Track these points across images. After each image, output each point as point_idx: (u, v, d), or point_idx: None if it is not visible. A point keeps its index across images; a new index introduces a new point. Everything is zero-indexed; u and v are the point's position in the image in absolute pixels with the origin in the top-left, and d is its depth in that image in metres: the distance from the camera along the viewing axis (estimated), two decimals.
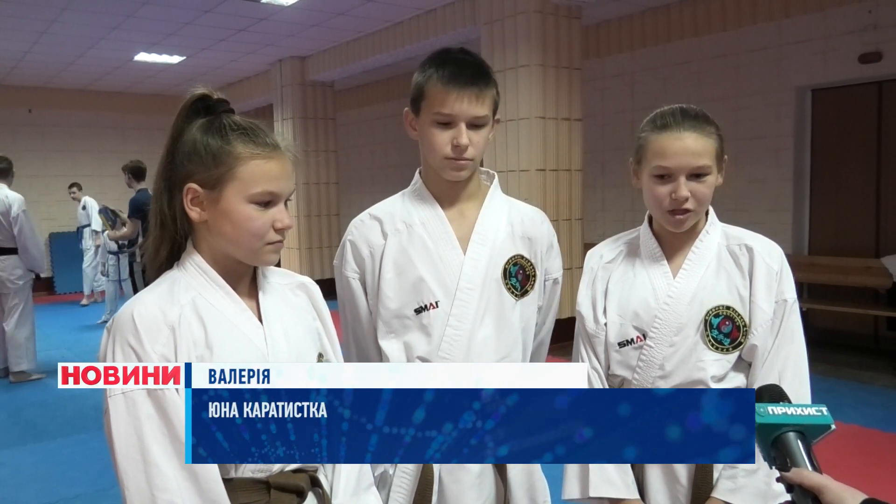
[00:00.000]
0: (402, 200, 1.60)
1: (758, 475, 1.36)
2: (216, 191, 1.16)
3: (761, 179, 6.40)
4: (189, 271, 1.20)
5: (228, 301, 1.20)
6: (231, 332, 1.17)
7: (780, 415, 0.93)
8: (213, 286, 1.19)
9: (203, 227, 1.20)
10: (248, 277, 1.26)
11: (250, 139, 1.16)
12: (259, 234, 1.17)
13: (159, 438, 1.07)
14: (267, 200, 1.17)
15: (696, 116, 1.41)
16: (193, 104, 1.20)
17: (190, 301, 1.16)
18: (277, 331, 1.22)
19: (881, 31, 5.63)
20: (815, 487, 0.87)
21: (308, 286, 1.37)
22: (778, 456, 0.93)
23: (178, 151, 1.18)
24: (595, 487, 1.43)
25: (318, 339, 1.33)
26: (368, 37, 8.07)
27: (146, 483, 1.06)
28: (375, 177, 11.25)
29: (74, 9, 6.76)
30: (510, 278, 1.55)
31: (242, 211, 1.15)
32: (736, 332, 1.42)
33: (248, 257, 1.20)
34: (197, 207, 1.17)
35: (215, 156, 1.15)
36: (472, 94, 1.45)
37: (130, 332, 1.10)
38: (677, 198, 1.39)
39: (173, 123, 1.20)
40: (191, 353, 1.12)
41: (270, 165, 1.16)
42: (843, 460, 3.52)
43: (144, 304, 1.14)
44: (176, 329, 1.12)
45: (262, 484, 1.16)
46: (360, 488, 1.30)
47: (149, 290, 1.19)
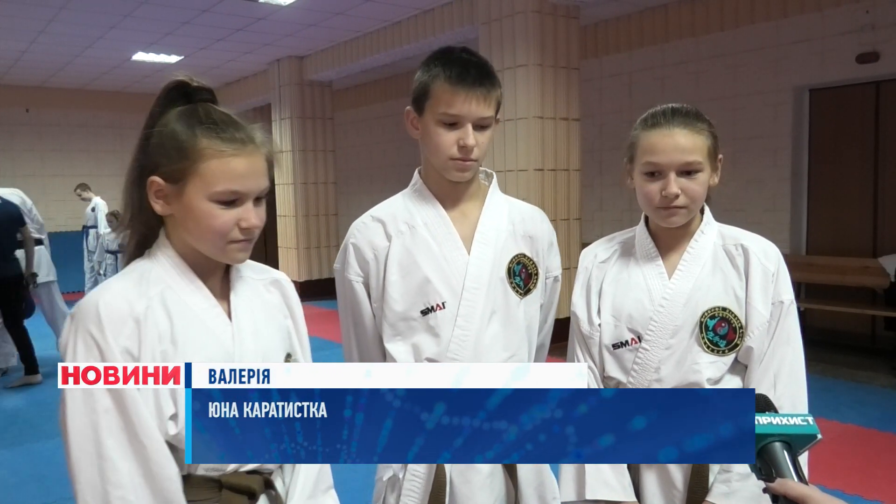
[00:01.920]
0: (404, 201, 1.59)
1: (751, 479, 1.34)
2: (179, 185, 1.11)
3: (759, 179, 6.41)
4: (160, 262, 1.16)
5: (198, 296, 1.16)
6: (198, 328, 1.14)
7: (766, 424, 0.93)
8: (183, 280, 1.16)
9: (171, 220, 1.16)
10: (220, 272, 1.22)
11: (216, 134, 1.11)
12: (221, 233, 1.12)
13: (116, 433, 1.04)
14: (230, 199, 1.12)
15: (687, 114, 1.41)
16: (171, 91, 1.16)
17: (158, 293, 1.12)
18: (246, 329, 1.19)
19: (879, 32, 5.64)
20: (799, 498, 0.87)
21: (282, 283, 1.33)
22: (763, 466, 0.93)
23: (150, 141, 1.14)
24: (591, 490, 1.43)
25: (287, 338, 1.29)
26: (366, 36, 8.07)
27: (99, 478, 1.04)
28: (374, 176, 11.25)
29: (72, 8, 6.75)
30: (514, 277, 1.55)
31: (204, 208, 1.11)
32: (732, 333, 1.41)
33: (214, 254, 1.16)
34: (160, 200, 1.13)
35: (179, 149, 1.11)
36: (479, 94, 1.45)
37: (93, 323, 1.06)
38: (667, 194, 1.38)
39: (150, 111, 1.16)
40: (155, 347, 1.09)
41: (236, 163, 1.11)
42: (841, 460, 3.53)
43: (111, 293, 1.10)
44: (141, 322, 1.08)
45: (215, 483, 1.14)
46: (317, 491, 1.26)
47: (117, 279, 1.15)
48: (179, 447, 1.10)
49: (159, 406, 1.08)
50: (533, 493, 1.59)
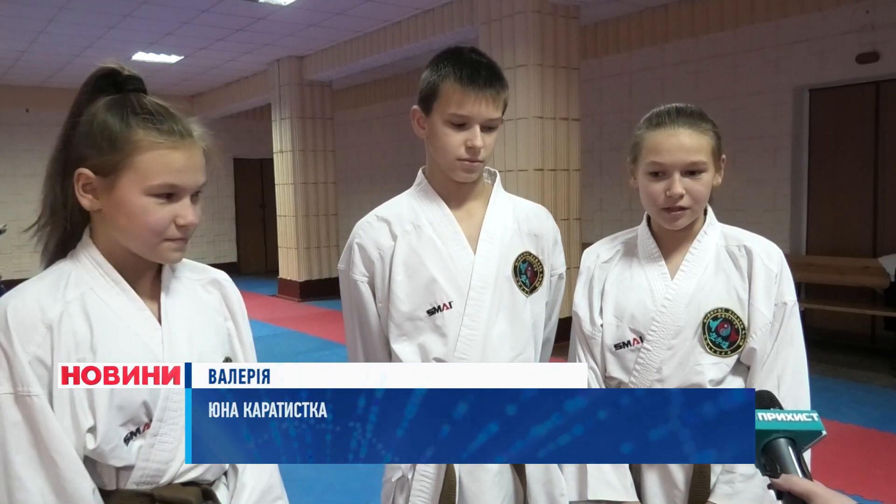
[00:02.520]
0: (409, 201, 1.59)
1: (755, 480, 1.35)
2: (110, 179, 1.04)
3: (759, 179, 6.41)
4: (82, 264, 1.09)
5: (124, 299, 1.09)
6: (122, 333, 1.07)
7: (771, 421, 0.93)
8: (107, 282, 1.09)
9: (99, 216, 1.09)
10: (151, 273, 1.15)
11: (153, 125, 1.05)
12: (156, 230, 1.06)
13: (24, 448, 0.98)
14: (168, 193, 1.06)
15: (692, 114, 1.41)
16: (99, 79, 1.10)
17: (78, 297, 1.05)
18: (179, 333, 1.12)
19: (878, 32, 5.64)
20: (804, 494, 0.87)
21: (222, 282, 1.26)
22: (768, 462, 0.93)
23: (76, 131, 1.07)
24: (593, 490, 1.43)
25: (227, 340, 1.23)
26: (366, 36, 8.06)
27: (7, 496, 0.98)
28: (374, 176, 11.25)
29: (72, 8, 6.75)
30: (520, 275, 1.55)
31: (138, 203, 1.04)
32: (734, 335, 1.41)
33: (146, 253, 1.09)
34: (89, 195, 1.06)
35: (111, 140, 1.04)
36: (489, 96, 1.45)
37: (0, 329, 1.00)
38: (672, 194, 1.38)
39: (75, 99, 1.10)
40: (71, 355, 1.02)
41: (174, 156, 1.05)
42: (841, 460, 3.53)
43: (23, 298, 1.03)
44: (54, 328, 1.01)
45: (146, 497, 1.07)
46: (264, 501, 1.20)
47: (32, 281, 1.07)
48: (100, 461, 1.04)
49: (76, 419, 1.02)
50: (541, 489, 1.59)
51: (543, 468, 1.59)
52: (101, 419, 1.03)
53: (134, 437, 1.06)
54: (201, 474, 1.13)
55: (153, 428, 1.07)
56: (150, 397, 1.07)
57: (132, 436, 1.06)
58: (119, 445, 1.05)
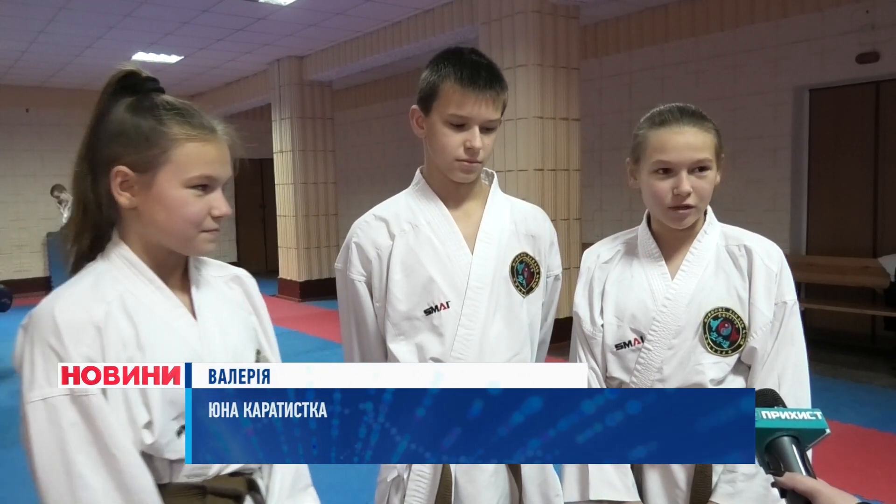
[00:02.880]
0: (406, 200, 1.59)
1: (756, 479, 1.35)
2: (148, 174, 1.07)
3: (759, 179, 6.41)
4: (115, 263, 1.10)
5: (159, 296, 1.11)
6: (163, 330, 1.09)
7: (775, 419, 0.93)
8: (142, 280, 1.10)
9: (132, 215, 1.11)
10: (179, 270, 1.17)
11: (186, 120, 1.09)
12: (195, 221, 1.09)
13: (85, 448, 0.99)
14: (204, 185, 1.09)
15: (694, 113, 1.41)
16: (119, 82, 1.12)
17: (117, 297, 1.07)
18: (212, 328, 1.14)
19: (879, 32, 5.64)
20: (808, 492, 0.87)
21: (243, 279, 1.28)
22: (772, 461, 0.93)
23: (103, 132, 1.09)
24: (595, 490, 1.43)
25: (254, 335, 1.25)
26: (366, 36, 8.06)
27: (70, 496, 0.99)
28: (373, 176, 11.25)
29: (72, 8, 6.74)
30: (517, 276, 1.55)
31: (178, 196, 1.07)
32: (735, 334, 1.41)
33: (182, 246, 1.12)
34: (126, 192, 1.08)
35: (147, 137, 1.07)
36: (489, 97, 1.45)
37: (51, 332, 1.00)
38: (679, 192, 1.38)
39: (97, 101, 1.12)
40: (120, 354, 1.03)
41: (208, 148, 1.09)
42: (841, 460, 3.53)
43: (66, 300, 1.04)
44: (102, 329, 1.03)
45: (198, 489, 1.10)
46: (296, 489, 1.24)
47: (71, 284, 1.09)
48: (157, 455, 1.06)
49: (132, 415, 1.03)
50: (536, 490, 1.59)
51: (539, 469, 1.59)
52: (157, 414, 1.04)
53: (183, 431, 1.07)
54: (245, 465, 1.15)
55: None
56: None
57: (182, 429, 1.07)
58: (173, 439, 1.07)
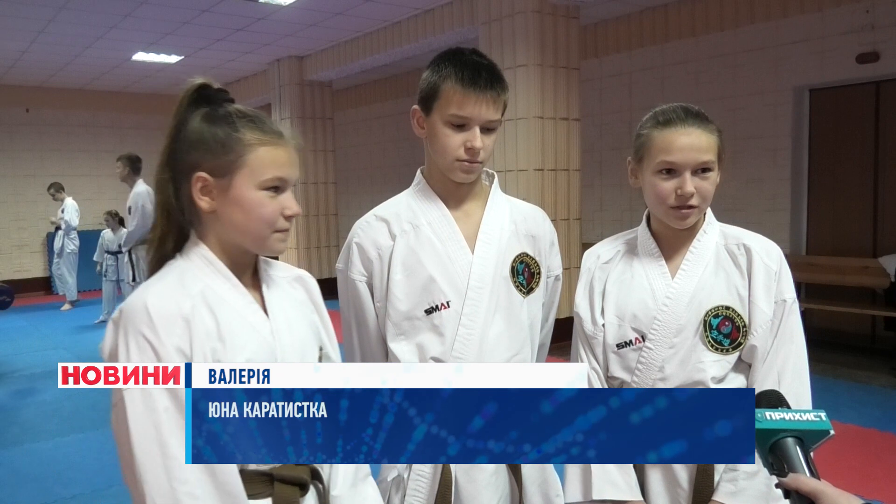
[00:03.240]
0: (407, 200, 1.59)
1: (758, 478, 1.36)
2: (226, 178, 1.15)
3: (759, 179, 6.41)
4: (195, 262, 1.18)
5: (235, 293, 1.19)
6: (240, 324, 1.16)
7: (779, 420, 0.93)
8: (219, 277, 1.18)
9: (210, 217, 1.19)
10: (251, 270, 1.25)
11: (257, 126, 1.17)
12: (269, 221, 1.17)
13: (177, 432, 1.06)
14: (276, 186, 1.17)
15: (698, 114, 1.42)
16: (193, 94, 1.20)
17: (200, 292, 1.15)
18: (282, 324, 1.22)
19: (879, 32, 5.64)
20: (812, 493, 0.87)
21: (305, 280, 1.36)
22: (776, 461, 0.93)
23: (183, 141, 1.18)
24: (598, 489, 1.43)
25: (317, 332, 1.32)
26: (366, 36, 8.06)
27: (165, 476, 1.05)
28: (374, 176, 11.25)
29: (72, 8, 6.75)
30: (517, 276, 1.56)
31: (253, 197, 1.16)
32: (735, 332, 1.41)
33: (257, 245, 1.20)
34: (206, 196, 1.17)
35: (224, 144, 1.15)
36: (490, 98, 1.45)
37: (145, 324, 1.07)
38: (683, 193, 1.38)
39: (174, 113, 1.20)
40: (204, 345, 1.11)
41: (278, 152, 1.17)
42: (840, 460, 3.53)
43: (157, 294, 1.11)
44: (190, 321, 1.10)
45: (266, 476, 1.17)
46: (357, 479, 1.31)
47: (156, 279, 1.16)
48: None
49: None
50: (536, 490, 1.59)
51: (539, 469, 1.59)
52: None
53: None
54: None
55: None
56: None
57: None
58: None
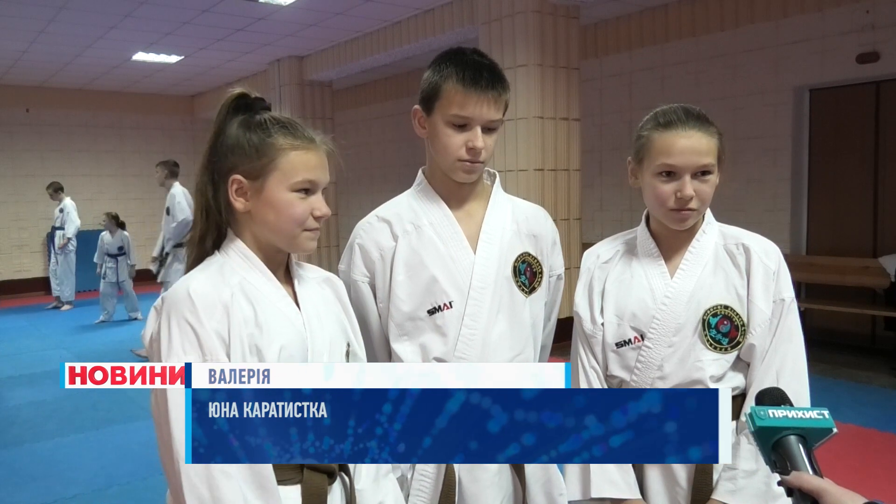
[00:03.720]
0: (409, 201, 1.59)
1: (757, 476, 1.36)
2: (259, 181, 1.23)
3: (759, 179, 6.41)
4: (232, 257, 1.26)
5: (271, 286, 1.26)
6: (275, 314, 1.23)
7: (781, 418, 0.93)
8: (255, 271, 1.25)
9: (246, 217, 1.26)
10: (283, 268, 1.32)
11: (290, 132, 1.24)
12: (299, 221, 1.24)
13: None
14: (306, 188, 1.24)
15: (699, 116, 1.42)
16: (233, 102, 1.27)
17: (238, 283, 1.22)
18: (313, 317, 1.28)
19: (879, 32, 5.64)
20: (814, 491, 0.87)
21: (334, 281, 1.42)
22: (778, 459, 0.93)
23: (221, 146, 1.25)
24: (597, 488, 1.43)
25: (345, 330, 1.38)
26: (367, 36, 8.06)
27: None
28: (374, 177, 11.24)
29: (72, 8, 6.75)
30: (520, 276, 1.56)
31: (285, 198, 1.23)
32: (734, 331, 1.42)
33: (288, 244, 1.27)
34: (241, 198, 1.24)
35: (258, 148, 1.23)
36: (491, 98, 1.45)
37: (187, 309, 1.14)
38: (682, 196, 1.38)
39: (215, 121, 1.27)
40: (242, 331, 1.17)
41: (309, 156, 1.24)
42: (841, 460, 3.53)
43: (199, 281, 1.19)
44: (229, 307, 1.17)
45: (297, 467, 1.21)
46: (379, 475, 1.36)
47: (198, 270, 1.24)
48: None
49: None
50: (540, 490, 1.59)
51: (543, 468, 1.59)
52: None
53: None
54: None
55: None
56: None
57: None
58: None
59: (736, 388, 1.44)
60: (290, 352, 1.21)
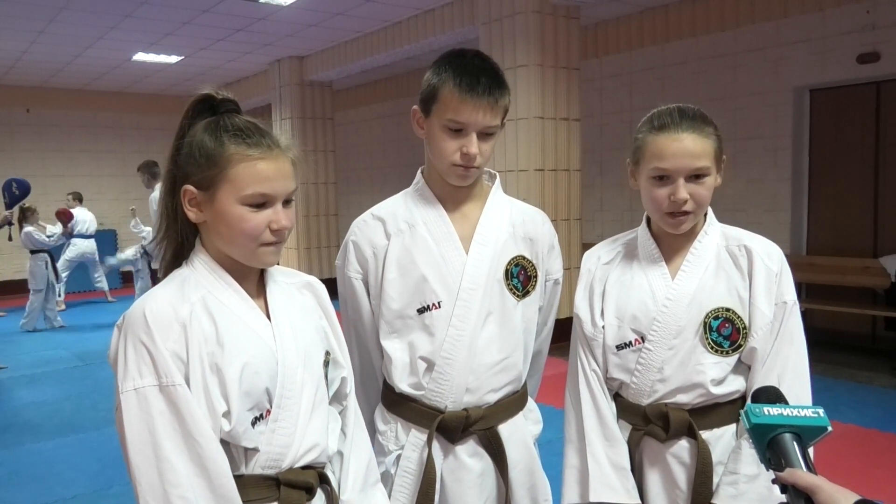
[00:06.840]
0: (405, 200, 1.60)
1: (759, 481, 1.35)
2: (210, 192, 1.15)
3: (759, 180, 6.41)
4: (198, 269, 1.20)
5: (237, 298, 1.20)
6: (241, 328, 1.18)
7: (776, 415, 0.94)
8: (221, 284, 1.20)
9: (204, 227, 1.20)
10: (254, 276, 1.26)
11: (242, 140, 1.15)
12: (252, 236, 1.16)
13: (171, 434, 1.07)
14: (259, 202, 1.15)
15: (694, 117, 1.40)
16: (197, 105, 1.21)
17: (200, 298, 1.16)
18: (285, 328, 1.23)
19: (879, 32, 5.64)
20: (808, 488, 0.87)
21: (314, 285, 1.37)
22: (773, 457, 0.93)
23: (181, 152, 1.18)
24: (595, 492, 1.42)
25: (325, 337, 1.33)
26: (367, 37, 8.06)
27: (158, 478, 1.06)
28: (374, 177, 11.25)
29: (72, 8, 6.75)
30: (512, 279, 1.55)
31: (235, 212, 1.15)
32: (735, 334, 1.41)
33: (246, 258, 1.19)
34: (194, 208, 1.17)
35: (208, 157, 1.15)
36: (487, 104, 1.43)
37: (142, 329, 1.10)
38: (676, 200, 1.37)
39: (179, 124, 1.21)
40: (202, 349, 1.12)
41: (262, 166, 1.14)
42: (841, 460, 3.52)
43: (155, 301, 1.14)
44: (187, 326, 1.12)
45: (272, 480, 1.17)
46: (367, 485, 1.32)
47: (159, 287, 1.19)
48: (233, 443, 1.14)
49: (212, 405, 1.11)
50: (525, 494, 1.59)
51: (528, 473, 1.59)
52: (234, 404, 1.13)
53: (258, 422, 1.16)
54: (316, 458, 1.23)
55: (273, 414, 1.18)
56: (270, 384, 1.17)
57: (257, 420, 1.16)
58: (248, 428, 1.15)
59: (737, 391, 1.43)
60: (254, 368, 1.15)
